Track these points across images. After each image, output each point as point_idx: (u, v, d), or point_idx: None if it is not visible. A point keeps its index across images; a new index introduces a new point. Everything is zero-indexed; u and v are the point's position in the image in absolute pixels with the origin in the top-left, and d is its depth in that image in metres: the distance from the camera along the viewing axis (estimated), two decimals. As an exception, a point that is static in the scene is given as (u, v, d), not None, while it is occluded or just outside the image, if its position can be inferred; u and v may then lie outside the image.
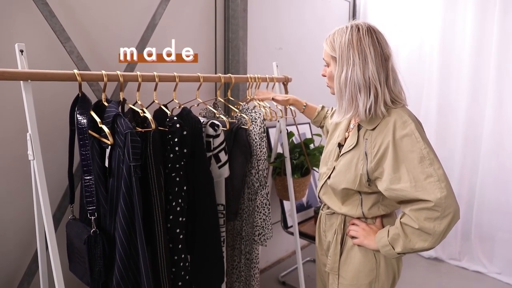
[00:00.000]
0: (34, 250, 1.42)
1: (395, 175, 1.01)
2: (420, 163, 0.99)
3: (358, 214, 1.17)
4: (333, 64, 1.11)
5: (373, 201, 1.14)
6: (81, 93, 1.16)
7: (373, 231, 1.14)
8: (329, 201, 1.24)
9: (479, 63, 2.61)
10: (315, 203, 2.66)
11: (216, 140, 1.42)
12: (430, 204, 0.97)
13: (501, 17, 2.47)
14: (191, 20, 1.90)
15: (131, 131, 1.07)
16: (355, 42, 1.04)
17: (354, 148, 1.12)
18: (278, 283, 2.56)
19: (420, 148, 1.00)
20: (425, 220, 0.99)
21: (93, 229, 1.13)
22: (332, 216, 1.25)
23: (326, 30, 1.16)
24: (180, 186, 1.26)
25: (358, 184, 1.10)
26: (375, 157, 1.06)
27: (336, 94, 1.10)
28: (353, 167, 1.11)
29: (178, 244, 1.27)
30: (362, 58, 1.03)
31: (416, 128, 1.02)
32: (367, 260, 1.16)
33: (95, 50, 1.53)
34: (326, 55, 1.13)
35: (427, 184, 0.97)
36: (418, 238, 1.02)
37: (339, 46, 1.06)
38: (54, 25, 1.36)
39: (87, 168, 1.14)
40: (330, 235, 1.26)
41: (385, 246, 1.08)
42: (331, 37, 1.11)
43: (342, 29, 1.08)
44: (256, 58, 2.26)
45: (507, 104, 2.53)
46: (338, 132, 1.27)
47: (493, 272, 2.64)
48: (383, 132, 1.05)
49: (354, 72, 1.03)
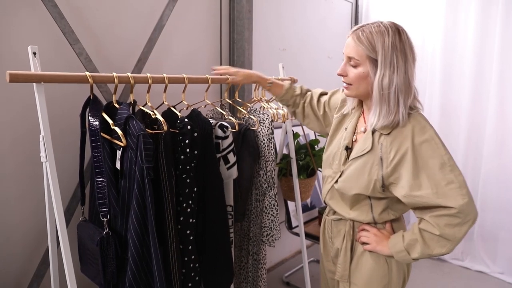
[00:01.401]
0: (42, 252, 1.42)
1: (415, 182, 0.99)
2: (440, 169, 0.98)
3: (369, 219, 1.14)
4: (368, 66, 1.02)
5: (383, 206, 1.12)
6: (93, 95, 1.16)
7: (385, 237, 1.12)
8: (336, 206, 1.20)
9: (481, 63, 2.62)
10: (319, 203, 2.67)
11: (225, 141, 1.42)
12: (453, 211, 0.96)
13: (503, 18, 2.48)
14: (196, 21, 1.91)
15: (143, 133, 1.07)
16: (398, 44, 0.99)
17: (368, 152, 1.08)
18: (282, 283, 2.57)
19: (441, 154, 0.99)
20: (445, 226, 0.98)
21: (105, 231, 1.13)
22: (339, 222, 1.22)
23: (328, 31, 1.15)
24: (190, 187, 1.26)
25: (371, 190, 1.07)
26: (392, 163, 1.03)
27: (375, 98, 1.03)
28: (366, 172, 1.08)
29: (189, 245, 1.28)
30: (403, 62, 1.00)
31: (435, 133, 1.01)
32: (379, 266, 1.14)
33: (102, 51, 1.54)
34: (359, 54, 1.03)
35: (448, 191, 0.97)
36: (437, 244, 1.01)
37: (382, 47, 0.99)
38: (64, 26, 1.37)
39: (100, 170, 1.14)
40: (338, 242, 1.23)
41: (400, 252, 1.07)
42: (366, 35, 1.01)
43: (381, 29, 1.00)
44: (260, 59, 2.27)
45: (509, 104, 2.55)
46: (342, 133, 1.22)
47: (496, 272, 2.66)
48: (399, 137, 1.03)
49: (398, 77, 0.99)
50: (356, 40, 1.02)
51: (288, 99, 1.45)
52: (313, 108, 1.41)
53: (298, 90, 1.44)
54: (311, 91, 1.46)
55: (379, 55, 0.99)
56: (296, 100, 1.44)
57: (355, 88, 1.09)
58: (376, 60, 1.01)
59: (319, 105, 1.39)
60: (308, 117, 1.43)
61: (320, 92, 1.42)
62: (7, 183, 1.33)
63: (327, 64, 2.96)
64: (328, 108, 1.36)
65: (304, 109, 1.43)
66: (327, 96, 1.38)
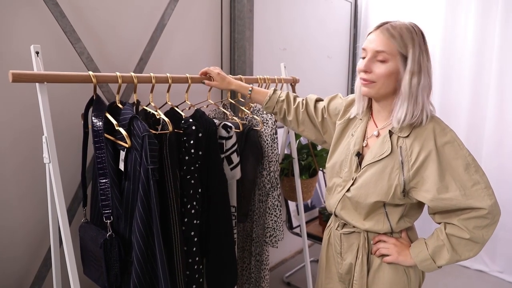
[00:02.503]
0: (44, 254, 1.40)
1: (442, 184, 0.97)
2: (466, 170, 0.96)
3: (386, 229, 1.09)
4: (398, 62, 0.99)
5: (400, 213, 1.08)
6: (96, 95, 1.15)
7: (406, 246, 1.08)
8: (349, 217, 1.13)
9: (480, 64, 2.63)
10: (319, 203, 2.67)
11: (228, 142, 1.41)
12: (483, 212, 0.95)
13: (503, 18, 2.49)
14: (197, 20, 1.89)
15: (148, 133, 1.06)
16: (423, 45, 1.00)
17: (387, 157, 1.03)
18: (283, 283, 2.56)
19: (465, 155, 0.97)
20: (474, 229, 0.96)
21: (109, 233, 1.12)
22: (351, 236, 1.15)
23: (327, 30, 1.13)
24: (195, 188, 1.25)
25: (391, 196, 1.02)
26: (414, 166, 1.00)
27: (403, 94, 0.99)
28: (385, 178, 1.03)
29: (193, 247, 1.26)
30: (427, 61, 1.00)
31: (455, 134, 1.00)
32: (398, 277, 1.10)
33: (103, 51, 1.52)
34: (390, 48, 0.98)
35: (474, 192, 0.95)
36: (465, 248, 0.99)
37: (413, 45, 0.97)
38: (65, 26, 1.35)
39: (103, 171, 1.12)
40: (350, 257, 1.16)
41: (425, 260, 1.04)
42: (398, 30, 0.98)
43: (409, 27, 0.99)
44: (261, 59, 2.26)
45: (508, 105, 2.55)
46: (348, 139, 1.16)
47: (495, 271, 2.67)
48: (420, 139, 1.00)
49: (424, 76, 0.99)
50: (387, 34, 0.98)
51: (272, 105, 1.36)
52: (309, 115, 1.32)
53: (283, 96, 1.35)
54: (302, 98, 1.37)
55: (409, 53, 0.97)
56: (282, 107, 1.35)
57: (379, 86, 1.02)
58: (406, 57, 0.98)
59: (316, 111, 1.31)
60: (303, 124, 1.34)
61: (316, 98, 1.34)
62: (8, 184, 1.31)
63: (327, 64, 2.96)
64: (327, 114, 1.28)
65: (298, 115, 1.33)
66: (325, 102, 1.31)
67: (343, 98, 1.27)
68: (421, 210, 1.13)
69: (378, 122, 1.12)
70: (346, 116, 1.21)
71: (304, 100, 1.35)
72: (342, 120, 1.21)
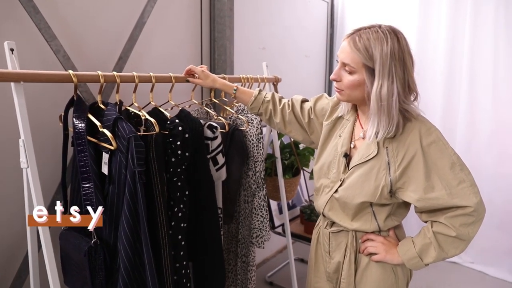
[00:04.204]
0: (19, 264, 1.32)
1: (428, 184, 0.98)
2: (451, 169, 0.97)
3: (373, 228, 1.10)
4: (365, 74, 0.98)
5: (387, 212, 1.09)
6: (77, 95, 1.09)
7: (393, 245, 1.09)
8: (337, 217, 1.14)
9: (452, 64, 2.73)
10: (299, 202, 2.68)
11: (214, 142, 1.39)
12: (469, 210, 0.96)
13: (472, 19, 2.60)
14: (177, 19, 1.85)
15: (135, 135, 1.01)
16: (397, 52, 0.94)
17: (373, 158, 1.04)
18: (265, 283, 2.56)
19: (450, 154, 0.99)
20: (460, 227, 0.98)
21: (93, 240, 1.06)
22: (339, 234, 1.16)
23: (305, 30, 1.12)
24: (182, 191, 1.21)
25: (378, 196, 1.03)
26: (400, 166, 1.00)
27: (373, 109, 0.98)
28: (372, 178, 1.03)
29: (180, 251, 1.23)
30: (402, 70, 0.95)
31: (440, 134, 1.01)
32: (386, 275, 1.10)
33: (80, 49, 1.45)
34: (355, 61, 0.98)
35: (460, 190, 0.97)
36: (451, 245, 1.00)
37: (380, 57, 0.94)
38: (39, 22, 1.27)
39: (86, 175, 1.07)
40: (338, 255, 1.17)
41: (413, 258, 1.05)
42: (363, 42, 0.96)
43: (379, 35, 0.95)
44: (240, 58, 2.24)
45: (478, 105, 2.66)
46: (336, 140, 1.16)
47: (467, 262, 2.79)
48: (406, 139, 1.01)
49: (397, 86, 0.95)
50: (353, 46, 0.97)
51: (258, 106, 1.33)
52: (296, 116, 1.31)
53: (268, 97, 1.33)
54: (287, 99, 1.35)
55: (376, 64, 0.95)
56: (268, 107, 1.32)
57: (347, 94, 1.04)
58: (373, 69, 0.96)
59: (303, 112, 1.29)
60: (291, 124, 1.32)
61: (302, 99, 1.33)
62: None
63: (304, 63, 2.98)
64: (314, 115, 1.27)
65: (285, 116, 1.31)
66: (311, 102, 1.29)
67: (329, 98, 1.27)
68: (408, 209, 1.15)
69: (363, 124, 1.13)
70: (333, 116, 1.20)
71: (290, 101, 1.34)
72: (329, 121, 1.21)
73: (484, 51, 2.59)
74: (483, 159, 2.67)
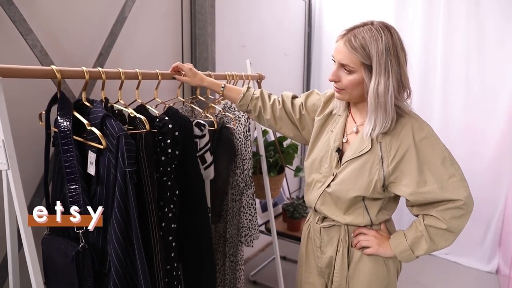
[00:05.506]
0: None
1: (420, 178, 1.00)
2: (442, 164, 1.00)
3: (366, 222, 1.11)
4: (363, 72, 0.99)
5: (379, 206, 1.10)
6: (60, 93, 1.03)
7: (385, 238, 1.11)
8: (329, 211, 1.14)
9: (427, 63, 2.82)
10: (281, 200, 2.69)
11: (202, 140, 1.36)
12: (459, 203, 0.99)
13: (445, 19, 2.70)
14: (158, 14, 1.79)
15: (124, 133, 0.97)
16: (391, 48, 0.96)
17: (367, 152, 1.05)
18: (248, 282, 2.55)
19: (441, 150, 1.01)
20: (450, 219, 1.00)
21: (81, 244, 1.01)
22: (331, 229, 1.16)
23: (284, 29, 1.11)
24: (172, 190, 1.18)
25: (371, 190, 1.04)
26: (393, 161, 1.02)
27: (370, 106, 1.00)
28: (366, 173, 1.05)
29: (171, 253, 1.19)
30: (397, 65, 0.97)
31: (432, 130, 1.03)
32: (378, 268, 1.13)
33: (59, 44, 1.37)
34: (353, 61, 0.98)
35: (451, 184, 0.99)
36: (442, 238, 1.03)
37: (377, 54, 0.95)
38: (13, 14, 1.20)
39: (73, 176, 1.01)
40: (330, 250, 1.17)
41: (405, 251, 1.07)
42: (359, 41, 0.96)
43: (373, 34, 0.96)
44: (222, 55, 2.21)
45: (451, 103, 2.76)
46: (327, 135, 1.16)
47: (442, 253, 2.89)
48: (399, 134, 1.02)
49: (393, 81, 0.96)
50: (349, 46, 0.98)
51: (246, 103, 1.32)
52: (287, 112, 1.30)
53: (257, 94, 1.32)
54: (276, 96, 1.34)
55: (373, 62, 0.96)
56: (257, 104, 1.31)
57: (349, 92, 1.05)
58: (371, 66, 0.97)
59: (294, 108, 1.29)
60: (281, 120, 1.30)
61: (292, 95, 1.32)
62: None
63: (284, 61, 2.99)
64: (305, 111, 1.26)
65: (276, 112, 1.30)
66: (302, 99, 1.29)
67: (321, 94, 1.27)
68: (397, 203, 1.18)
69: (356, 119, 1.14)
70: (325, 111, 1.21)
71: (280, 97, 1.33)
72: (321, 116, 1.21)
73: (457, 50, 2.69)
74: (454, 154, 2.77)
